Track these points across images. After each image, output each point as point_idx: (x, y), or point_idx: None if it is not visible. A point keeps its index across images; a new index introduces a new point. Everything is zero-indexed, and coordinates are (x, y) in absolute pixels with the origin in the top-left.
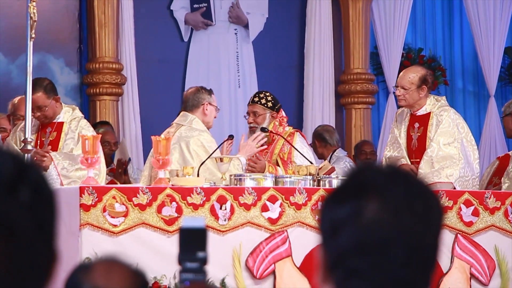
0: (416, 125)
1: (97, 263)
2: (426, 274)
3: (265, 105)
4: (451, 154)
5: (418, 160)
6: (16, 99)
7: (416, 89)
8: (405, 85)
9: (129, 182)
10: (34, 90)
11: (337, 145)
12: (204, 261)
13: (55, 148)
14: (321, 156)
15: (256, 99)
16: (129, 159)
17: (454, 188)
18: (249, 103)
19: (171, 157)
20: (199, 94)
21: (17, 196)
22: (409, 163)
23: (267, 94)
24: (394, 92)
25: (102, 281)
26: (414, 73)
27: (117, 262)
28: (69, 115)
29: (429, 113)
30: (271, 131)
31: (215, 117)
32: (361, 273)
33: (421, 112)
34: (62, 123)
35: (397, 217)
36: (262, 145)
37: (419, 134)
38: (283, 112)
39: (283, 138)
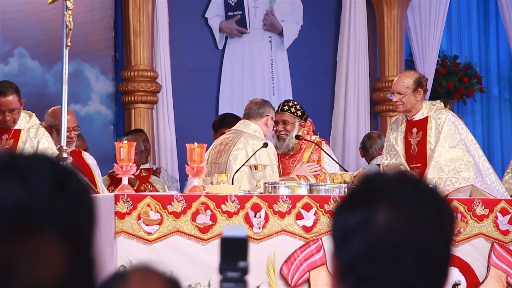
0: (415, 130)
1: (132, 271)
2: (438, 281)
3: (295, 114)
4: (458, 156)
5: (419, 165)
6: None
7: (412, 92)
8: (401, 90)
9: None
10: (7, 93)
11: (377, 152)
12: (245, 270)
13: None
14: None
15: (286, 107)
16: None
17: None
18: (277, 111)
19: (233, 161)
20: (265, 106)
21: (57, 206)
22: (408, 169)
23: (295, 103)
24: (390, 99)
25: None
26: (408, 78)
27: (152, 270)
28: (26, 122)
29: (427, 117)
30: (305, 139)
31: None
32: (372, 280)
33: (418, 116)
34: (19, 130)
35: (407, 224)
36: (315, 174)
37: (418, 139)
38: (310, 121)
39: (316, 145)
